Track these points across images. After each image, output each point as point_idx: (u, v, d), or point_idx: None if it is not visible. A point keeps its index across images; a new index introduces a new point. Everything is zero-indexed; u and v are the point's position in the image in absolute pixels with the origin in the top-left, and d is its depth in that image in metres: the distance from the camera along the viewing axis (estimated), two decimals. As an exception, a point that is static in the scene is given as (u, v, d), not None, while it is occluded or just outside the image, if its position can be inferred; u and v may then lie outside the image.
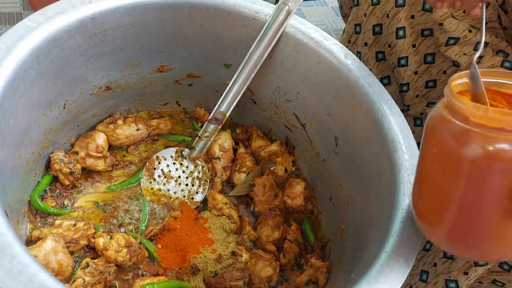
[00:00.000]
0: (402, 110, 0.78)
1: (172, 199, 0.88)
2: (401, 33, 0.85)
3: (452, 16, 0.81)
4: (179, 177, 0.90)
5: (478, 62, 0.81)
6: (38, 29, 0.70)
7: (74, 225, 0.78)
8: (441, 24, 0.82)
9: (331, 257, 0.84)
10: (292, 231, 0.86)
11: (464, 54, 0.83)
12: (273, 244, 0.84)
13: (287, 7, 0.80)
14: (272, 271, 0.80)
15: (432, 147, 0.54)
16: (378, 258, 0.63)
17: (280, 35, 0.82)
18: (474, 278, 0.85)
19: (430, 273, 0.86)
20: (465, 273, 0.84)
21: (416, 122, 0.94)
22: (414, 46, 0.86)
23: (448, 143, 0.51)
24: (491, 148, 0.48)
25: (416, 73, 0.88)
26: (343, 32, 1.00)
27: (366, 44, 0.92)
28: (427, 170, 0.57)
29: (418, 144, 0.91)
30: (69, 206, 0.83)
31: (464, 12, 0.82)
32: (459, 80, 0.55)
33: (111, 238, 0.77)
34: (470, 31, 0.81)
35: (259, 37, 0.82)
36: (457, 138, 0.50)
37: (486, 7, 0.80)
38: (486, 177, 0.50)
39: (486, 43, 0.82)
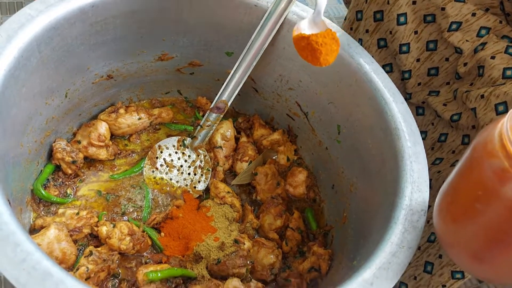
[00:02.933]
0: (404, 99, 0.77)
1: (174, 188, 0.88)
2: (402, 19, 0.85)
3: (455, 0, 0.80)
4: (181, 166, 0.90)
5: (482, 49, 0.80)
6: (38, 17, 0.70)
7: (77, 213, 0.78)
8: (443, 9, 0.81)
9: (334, 245, 0.84)
10: (294, 219, 0.86)
11: (467, 40, 0.82)
12: (275, 232, 0.84)
13: (288, -6, 0.79)
14: (275, 259, 0.80)
15: (473, 174, 0.52)
16: (381, 245, 0.62)
17: (282, 22, 0.82)
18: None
19: (435, 265, 0.85)
20: None
21: (418, 111, 0.93)
22: (416, 32, 0.85)
23: (490, 177, 0.49)
24: None
25: (418, 60, 0.88)
26: (345, 19, 0.99)
27: (367, 31, 0.91)
28: (463, 194, 0.55)
29: (421, 132, 0.91)
30: (72, 195, 0.83)
31: None
32: None
33: (114, 226, 0.77)
34: (473, 14, 0.80)
35: (260, 24, 0.81)
36: (499, 175, 0.48)
37: None
38: None
39: (488, 29, 0.81)
